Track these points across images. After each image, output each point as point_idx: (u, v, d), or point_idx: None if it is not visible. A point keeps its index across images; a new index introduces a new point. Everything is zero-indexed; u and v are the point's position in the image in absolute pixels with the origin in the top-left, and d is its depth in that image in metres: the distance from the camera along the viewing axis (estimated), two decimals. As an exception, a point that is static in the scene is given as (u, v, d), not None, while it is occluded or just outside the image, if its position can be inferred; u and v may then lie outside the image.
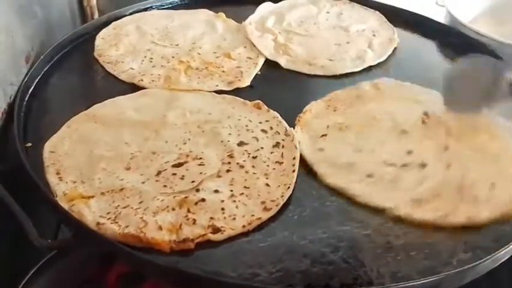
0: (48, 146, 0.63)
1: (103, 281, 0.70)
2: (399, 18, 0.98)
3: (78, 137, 0.64)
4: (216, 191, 0.57)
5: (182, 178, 0.59)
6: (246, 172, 0.60)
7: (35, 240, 0.51)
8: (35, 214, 0.55)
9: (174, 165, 0.60)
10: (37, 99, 0.72)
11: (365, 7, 1.01)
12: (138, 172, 0.60)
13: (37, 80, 0.75)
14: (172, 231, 0.52)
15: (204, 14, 0.96)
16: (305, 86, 0.80)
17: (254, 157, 0.62)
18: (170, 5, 0.98)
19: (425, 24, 0.96)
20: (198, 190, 0.57)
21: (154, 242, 0.51)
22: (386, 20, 0.97)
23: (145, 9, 0.96)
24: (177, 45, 0.86)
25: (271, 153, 0.63)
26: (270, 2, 1.01)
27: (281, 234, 0.54)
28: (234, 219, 0.54)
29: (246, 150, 0.63)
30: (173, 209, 0.55)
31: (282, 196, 0.58)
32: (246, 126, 0.68)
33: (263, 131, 0.67)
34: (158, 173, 0.59)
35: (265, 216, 0.55)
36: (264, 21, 0.95)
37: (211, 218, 0.54)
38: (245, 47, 0.86)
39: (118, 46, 0.84)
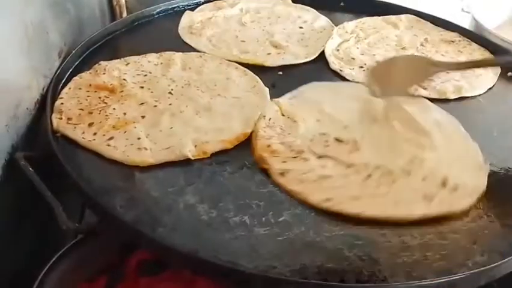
0: None
1: (122, 269, 0.72)
2: (425, 23, 0.97)
3: None
4: None
5: None
6: None
7: (64, 223, 0.53)
8: (61, 202, 0.58)
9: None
10: (68, 92, 0.75)
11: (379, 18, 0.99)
12: None
13: (68, 73, 0.78)
14: None
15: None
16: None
17: None
18: (196, 5, 1.01)
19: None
20: None
21: None
22: None
23: (172, 9, 0.99)
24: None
25: None
26: None
27: (298, 229, 0.55)
28: None
29: None
30: None
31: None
32: None
33: None
34: None
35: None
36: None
37: None
38: None
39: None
